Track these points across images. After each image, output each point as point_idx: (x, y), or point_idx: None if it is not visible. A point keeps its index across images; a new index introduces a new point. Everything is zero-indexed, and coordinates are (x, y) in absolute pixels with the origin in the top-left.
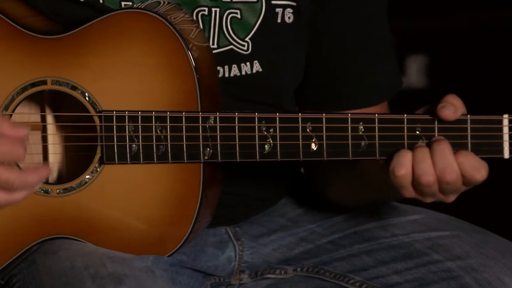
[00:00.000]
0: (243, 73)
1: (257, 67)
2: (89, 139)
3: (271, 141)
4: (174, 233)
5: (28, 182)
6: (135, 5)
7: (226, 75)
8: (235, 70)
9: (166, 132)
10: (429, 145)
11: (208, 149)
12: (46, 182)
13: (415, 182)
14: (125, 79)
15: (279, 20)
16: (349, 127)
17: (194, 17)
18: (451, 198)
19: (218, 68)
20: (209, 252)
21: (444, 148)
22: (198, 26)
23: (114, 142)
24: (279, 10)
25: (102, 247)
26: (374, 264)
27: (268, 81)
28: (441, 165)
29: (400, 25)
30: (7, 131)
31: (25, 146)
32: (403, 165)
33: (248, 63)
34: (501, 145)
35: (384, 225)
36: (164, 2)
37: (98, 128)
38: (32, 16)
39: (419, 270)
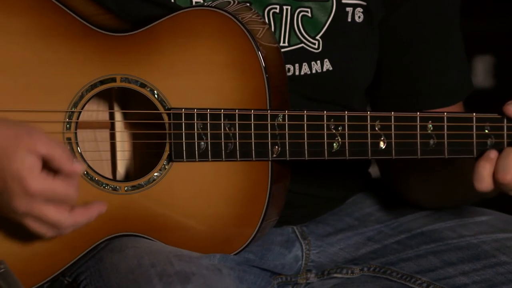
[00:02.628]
0: (314, 71)
1: (327, 65)
2: (157, 137)
3: (340, 139)
4: (241, 232)
5: (77, 223)
6: (205, 4)
7: (297, 73)
8: (305, 69)
9: (235, 129)
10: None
11: (276, 147)
12: (114, 179)
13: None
14: (193, 76)
15: (349, 19)
16: (418, 126)
17: (265, 15)
18: None
19: (289, 66)
20: (276, 251)
21: None
22: (266, 27)
23: (182, 139)
24: (349, 9)
25: (169, 245)
26: (441, 265)
27: (339, 80)
28: None
29: (467, 26)
30: (64, 166)
31: (78, 188)
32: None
33: (318, 62)
34: None
35: (451, 226)
36: (234, 2)
37: (167, 125)
38: (102, 14)
39: (486, 272)
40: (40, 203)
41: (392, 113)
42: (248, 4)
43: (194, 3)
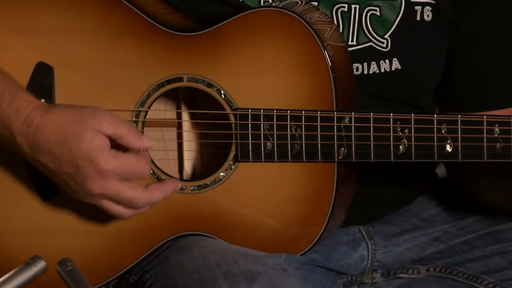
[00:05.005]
0: (382, 70)
1: (396, 64)
2: (223, 137)
3: (406, 142)
4: (307, 232)
5: (152, 200)
6: (273, 4)
7: (365, 72)
8: (374, 67)
9: (301, 131)
10: None
11: (342, 148)
12: (181, 178)
13: None
14: (260, 77)
15: (418, 18)
16: (485, 129)
17: (333, 14)
18: None
19: (357, 65)
20: (342, 251)
21: None
22: (333, 26)
23: (248, 140)
24: (418, 8)
25: (235, 244)
26: (507, 265)
27: (407, 79)
28: None
29: None
30: (132, 143)
31: (150, 162)
32: None
33: (387, 61)
34: None
35: None
36: (301, 2)
37: (233, 125)
38: (170, 13)
39: None
40: (114, 182)
41: (459, 116)
42: (315, 4)
43: (262, 3)
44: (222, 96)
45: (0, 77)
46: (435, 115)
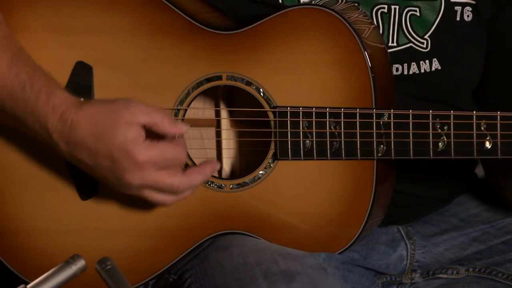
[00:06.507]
0: (422, 71)
1: (436, 65)
2: (262, 135)
3: (445, 139)
4: (346, 231)
5: (192, 184)
6: (312, 2)
7: (405, 72)
8: (414, 68)
9: (340, 128)
10: None
11: (381, 146)
12: (220, 177)
13: None
14: (299, 75)
15: (458, 18)
16: None
17: (373, 15)
18: None
19: (397, 66)
20: (381, 251)
21: None
22: (372, 27)
23: (288, 138)
24: (458, 8)
25: (274, 243)
26: None
27: (447, 79)
28: None
29: None
30: (167, 129)
31: (186, 148)
32: None
33: (427, 61)
34: None
35: None
36: (341, 1)
37: (272, 123)
38: (208, 12)
39: None
40: (151, 171)
41: (498, 112)
42: (355, 4)
43: (301, 2)
44: (261, 94)
45: (38, 75)
46: (474, 112)
